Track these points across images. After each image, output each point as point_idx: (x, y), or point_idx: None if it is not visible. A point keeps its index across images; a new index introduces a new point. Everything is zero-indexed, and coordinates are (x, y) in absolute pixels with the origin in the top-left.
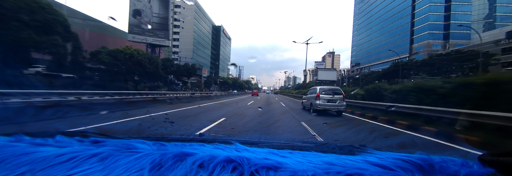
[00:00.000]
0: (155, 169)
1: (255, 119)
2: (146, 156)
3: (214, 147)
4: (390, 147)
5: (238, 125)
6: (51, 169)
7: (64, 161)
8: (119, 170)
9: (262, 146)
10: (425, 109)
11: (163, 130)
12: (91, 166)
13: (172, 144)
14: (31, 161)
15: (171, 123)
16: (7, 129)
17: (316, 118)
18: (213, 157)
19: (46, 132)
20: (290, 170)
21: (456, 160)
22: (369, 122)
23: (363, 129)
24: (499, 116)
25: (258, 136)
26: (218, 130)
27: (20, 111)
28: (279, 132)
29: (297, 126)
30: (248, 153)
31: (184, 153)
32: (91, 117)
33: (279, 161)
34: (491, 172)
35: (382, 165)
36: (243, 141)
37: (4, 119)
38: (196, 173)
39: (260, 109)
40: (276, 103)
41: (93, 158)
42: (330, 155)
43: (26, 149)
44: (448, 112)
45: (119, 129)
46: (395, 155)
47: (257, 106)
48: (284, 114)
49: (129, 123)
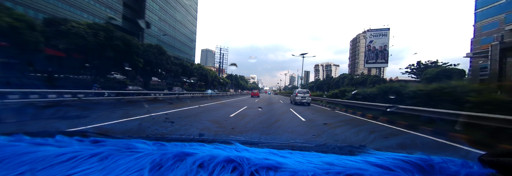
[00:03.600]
0: (155, 169)
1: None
2: (146, 156)
3: (214, 147)
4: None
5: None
6: (51, 169)
7: (64, 161)
8: (119, 170)
9: (262, 146)
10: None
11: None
12: (91, 165)
13: (172, 144)
14: (31, 161)
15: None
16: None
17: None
18: (213, 157)
19: (46, 131)
20: (290, 170)
21: (456, 160)
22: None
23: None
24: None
25: (258, 135)
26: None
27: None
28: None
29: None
30: (248, 153)
31: (184, 153)
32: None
33: (279, 161)
34: (491, 172)
35: (382, 166)
36: (243, 141)
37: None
38: (196, 173)
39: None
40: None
41: (93, 158)
42: (330, 155)
43: (26, 148)
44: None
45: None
46: (395, 156)
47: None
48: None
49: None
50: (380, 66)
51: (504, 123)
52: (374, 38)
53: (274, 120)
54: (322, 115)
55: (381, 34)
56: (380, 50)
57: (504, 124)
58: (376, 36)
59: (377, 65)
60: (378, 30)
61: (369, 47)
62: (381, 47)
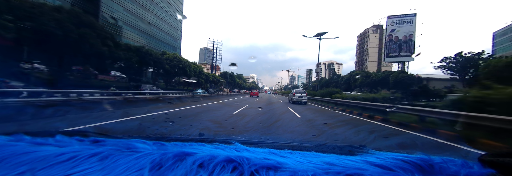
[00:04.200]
0: (155, 169)
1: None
2: (146, 156)
3: (214, 147)
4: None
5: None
6: (51, 169)
7: (64, 161)
8: (119, 169)
9: (262, 146)
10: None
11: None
12: (91, 165)
13: (172, 143)
14: (31, 160)
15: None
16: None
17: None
18: (213, 157)
19: (46, 131)
20: (290, 170)
21: (456, 160)
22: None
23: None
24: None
25: (258, 135)
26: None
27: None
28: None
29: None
30: (248, 153)
31: (184, 153)
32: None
33: (279, 161)
34: (491, 172)
35: (382, 166)
36: (243, 141)
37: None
38: (196, 173)
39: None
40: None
41: (93, 158)
42: (330, 155)
43: (26, 148)
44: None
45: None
46: (395, 156)
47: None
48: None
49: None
50: (403, 60)
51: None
52: (397, 26)
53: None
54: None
55: (405, 21)
56: (405, 40)
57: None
58: (399, 23)
59: (400, 59)
60: (401, 17)
61: (391, 37)
62: (405, 37)
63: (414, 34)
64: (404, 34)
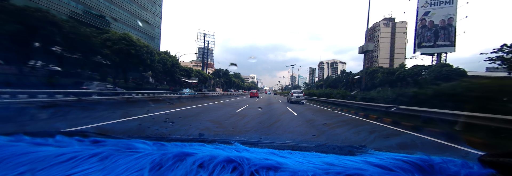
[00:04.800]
0: (155, 169)
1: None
2: (146, 156)
3: (214, 147)
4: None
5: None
6: (51, 169)
7: (64, 161)
8: (119, 170)
9: (262, 146)
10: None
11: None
12: (91, 165)
13: (172, 144)
14: (31, 161)
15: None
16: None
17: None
18: (213, 157)
19: (46, 131)
20: (290, 171)
21: (456, 160)
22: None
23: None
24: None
25: (258, 136)
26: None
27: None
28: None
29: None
30: (248, 153)
31: (184, 153)
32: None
33: (279, 161)
34: (491, 172)
35: (382, 166)
36: (243, 141)
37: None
38: (196, 173)
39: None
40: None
41: (93, 158)
42: (330, 155)
43: (26, 148)
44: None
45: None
46: (395, 156)
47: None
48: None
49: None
50: (441, 51)
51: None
52: (432, 8)
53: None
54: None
55: (443, 1)
56: (442, 25)
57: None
58: (435, 4)
59: (436, 50)
60: None
61: (423, 23)
62: (443, 21)
63: (454, 18)
64: (441, 18)
